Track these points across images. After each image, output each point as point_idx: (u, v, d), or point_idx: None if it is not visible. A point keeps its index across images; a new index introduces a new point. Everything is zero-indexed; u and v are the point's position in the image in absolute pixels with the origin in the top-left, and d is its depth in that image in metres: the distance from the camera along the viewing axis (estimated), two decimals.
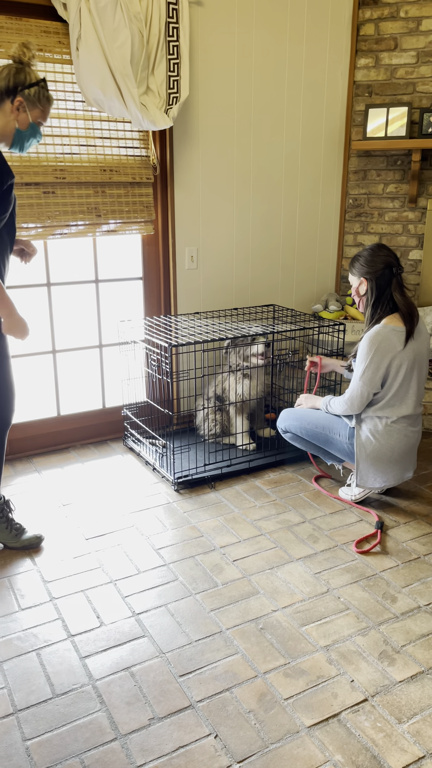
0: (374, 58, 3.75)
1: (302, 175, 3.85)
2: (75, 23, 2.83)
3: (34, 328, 3.35)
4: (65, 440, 3.53)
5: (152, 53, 3.02)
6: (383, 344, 2.61)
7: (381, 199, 3.93)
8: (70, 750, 1.67)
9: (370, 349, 2.62)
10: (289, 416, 3.01)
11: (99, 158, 3.16)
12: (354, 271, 2.72)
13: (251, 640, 2.05)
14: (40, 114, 2.29)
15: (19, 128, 2.26)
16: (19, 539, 2.54)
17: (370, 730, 1.72)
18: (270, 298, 3.95)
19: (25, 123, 2.26)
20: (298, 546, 2.58)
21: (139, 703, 1.81)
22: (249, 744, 1.68)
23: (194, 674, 1.91)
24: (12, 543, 2.54)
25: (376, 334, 2.62)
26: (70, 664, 1.96)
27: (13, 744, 1.68)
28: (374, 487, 2.81)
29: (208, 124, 3.44)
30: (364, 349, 2.64)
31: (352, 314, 3.84)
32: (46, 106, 2.30)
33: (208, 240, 3.61)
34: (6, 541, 2.54)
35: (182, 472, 3.11)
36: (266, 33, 3.48)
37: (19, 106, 2.22)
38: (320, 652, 2.00)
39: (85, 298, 3.47)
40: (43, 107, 2.29)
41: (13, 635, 2.08)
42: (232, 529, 2.71)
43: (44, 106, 2.29)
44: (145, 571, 2.42)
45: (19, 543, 2.54)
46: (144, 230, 3.41)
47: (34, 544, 2.56)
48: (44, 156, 3.01)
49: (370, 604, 2.22)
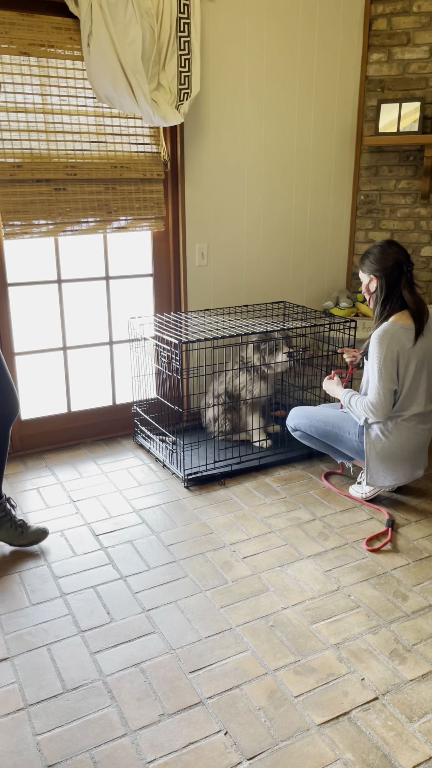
0: (387, 53, 3.72)
1: (313, 171, 3.83)
2: (86, 19, 2.83)
3: (46, 324, 3.36)
4: (76, 437, 3.53)
5: (163, 49, 3.01)
6: (392, 341, 2.59)
7: (393, 195, 3.90)
8: (80, 745, 1.67)
9: (380, 347, 2.60)
10: (299, 414, 3.00)
11: (110, 155, 3.16)
12: (364, 268, 2.71)
13: (261, 638, 2.04)
14: None
15: None
16: (25, 535, 2.52)
17: (381, 729, 1.71)
18: (280, 295, 3.94)
19: None
20: (308, 543, 2.57)
21: (149, 699, 1.81)
22: (259, 741, 1.68)
23: (204, 671, 1.91)
24: (19, 540, 2.51)
25: (385, 332, 2.60)
26: (80, 659, 1.96)
27: (23, 739, 1.69)
28: (384, 486, 2.79)
29: (219, 120, 3.42)
30: (374, 348, 2.62)
31: (363, 311, 3.82)
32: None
33: (218, 236, 3.60)
34: (12, 540, 2.51)
35: (192, 469, 3.11)
36: (278, 28, 3.46)
37: None
38: (330, 650, 1.99)
39: (96, 295, 3.48)
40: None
41: (24, 630, 2.09)
42: (242, 526, 2.70)
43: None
44: (155, 567, 2.42)
45: (26, 539, 2.52)
46: (154, 227, 3.40)
47: (41, 537, 2.54)
48: (55, 152, 3.01)
49: (381, 603, 2.21)
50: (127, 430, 3.66)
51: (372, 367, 2.63)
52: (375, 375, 2.61)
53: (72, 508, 2.85)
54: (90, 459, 3.35)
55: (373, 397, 2.64)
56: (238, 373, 3.38)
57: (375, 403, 2.63)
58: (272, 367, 3.28)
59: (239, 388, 3.37)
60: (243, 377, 3.35)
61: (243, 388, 3.35)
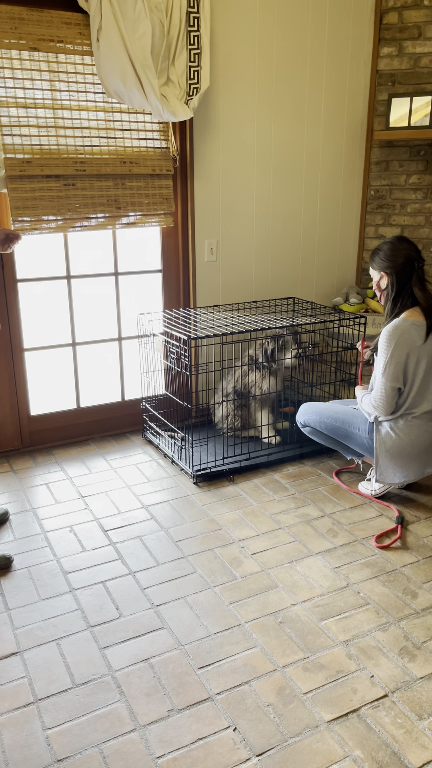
0: (398, 47, 3.69)
1: (323, 166, 3.81)
2: (96, 14, 2.82)
3: (55, 320, 3.37)
4: (85, 432, 3.54)
5: (173, 44, 3.00)
6: (402, 338, 2.58)
7: (403, 190, 3.87)
8: (89, 740, 1.68)
9: (389, 343, 2.58)
10: (309, 410, 2.99)
11: (119, 150, 3.16)
12: (374, 264, 2.69)
13: (270, 634, 2.04)
14: None
15: None
16: None
17: (390, 726, 1.70)
18: (290, 291, 3.92)
19: None
20: (317, 540, 2.56)
21: (158, 695, 1.81)
22: (268, 737, 1.67)
23: (213, 667, 1.91)
24: None
25: (395, 329, 2.59)
26: (89, 654, 1.97)
27: (33, 733, 1.70)
28: (394, 483, 2.78)
29: (228, 115, 3.41)
30: (384, 344, 2.60)
31: (373, 307, 3.80)
32: None
33: (227, 232, 3.59)
34: None
35: (201, 465, 3.10)
36: (288, 23, 3.44)
37: None
38: (340, 647, 1.99)
39: (105, 291, 3.48)
40: None
41: (34, 625, 2.10)
42: (251, 522, 2.70)
43: None
44: (164, 563, 2.42)
45: None
46: (164, 222, 3.40)
47: (1, 565, 2.39)
48: (64, 148, 3.01)
49: (391, 600, 2.20)
50: (136, 426, 3.66)
51: (379, 363, 2.63)
52: (380, 370, 2.62)
53: (81, 504, 2.86)
54: (99, 455, 3.35)
55: (376, 393, 2.65)
56: (247, 370, 3.37)
57: (377, 399, 2.64)
58: (280, 365, 3.27)
59: (249, 385, 3.36)
60: (252, 374, 3.34)
61: (253, 385, 3.34)
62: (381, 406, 2.64)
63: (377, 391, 2.64)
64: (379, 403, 2.64)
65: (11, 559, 2.42)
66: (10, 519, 2.73)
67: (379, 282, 2.69)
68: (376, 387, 2.64)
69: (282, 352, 3.24)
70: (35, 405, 3.40)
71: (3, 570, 2.39)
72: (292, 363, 3.23)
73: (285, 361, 3.24)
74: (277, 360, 3.26)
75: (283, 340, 3.23)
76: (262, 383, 3.30)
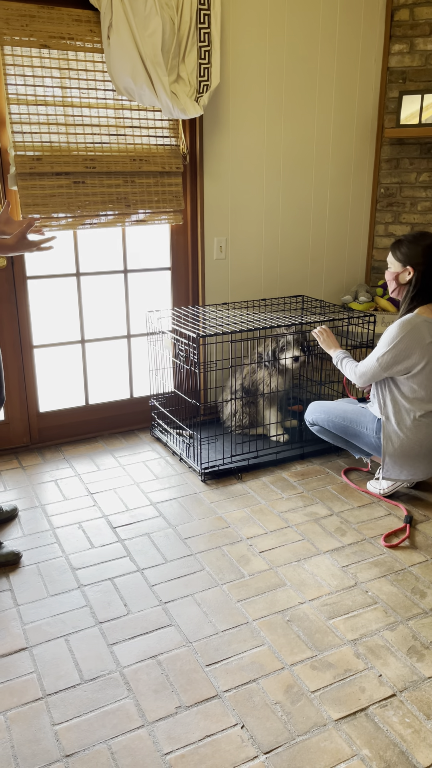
0: (409, 44, 3.67)
1: (333, 163, 3.80)
2: (106, 11, 2.82)
3: (64, 317, 3.37)
4: (93, 429, 3.55)
5: (183, 41, 3.00)
6: (412, 333, 2.57)
7: (414, 188, 3.86)
8: (97, 736, 1.68)
9: (398, 333, 2.57)
10: (317, 409, 2.98)
11: (129, 148, 3.16)
12: (399, 256, 2.63)
13: (278, 632, 2.04)
14: None
15: None
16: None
17: (399, 726, 1.70)
18: (299, 289, 3.92)
19: None
20: (325, 539, 2.56)
21: (166, 691, 1.82)
22: (276, 735, 1.68)
23: (221, 664, 1.91)
24: None
25: (408, 322, 2.58)
26: (97, 650, 1.98)
27: (42, 728, 1.71)
28: (401, 479, 2.77)
29: (238, 113, 3.40)
30: (393, 332, 2.59)
31: (382, 306, 3.78)
32: None
33: (237, 230, 3.59)
34: None
35: (209, 462, 3.11)
36: (298, 19, 3.42)
37: None
38: (348, 646, 1.98)
39: (114, 288, 3.48)
40: None
41: (42, 621, 2.11)
42: (259, 520, 2.70)
43: None
44: (172, 560, 2.42)
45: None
46: (173, 220, 3.40)
47: (10, 560, 2.40)
48: (74, 145, 3.01)
49: (399, 599, 2.20)
50: (144, 423, 3.67)
51: (380, 345, 2.62)
52: (378, 352, 2.62)
53: (89, 501, 2.87)
54: (107, 452, 3.36)
55: (364, 366, 2.69)
56: (255, 367, 3.37)
57: (364, 372, 2.69)
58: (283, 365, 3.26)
59: (257, 383, 3.36)
60: (261, 372, 3.34)
61: (261, 383, 3.34)
62: (363, 380, 2.72)
63: (366, 366, 2.68)
64: (363, 376, 2.70)
65: (20, 555, 2.43)
66: (19, 515, 2.74)
67: (400, 275, 2.65)
68: (367, 362, 2.67)
69: (283, 353, 3.24)
70: (44, 402, 3.41)
71: (12, 566, 2.40)
72: (292, 365, 3.23)
73: (286, 361, 3.24)
74: (278, 360, 3.25)
75: (284, 341, 3.22)
76: (270, 381, 3.30)
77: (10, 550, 2.43)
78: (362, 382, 2.73)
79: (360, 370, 2.72)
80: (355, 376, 2.74)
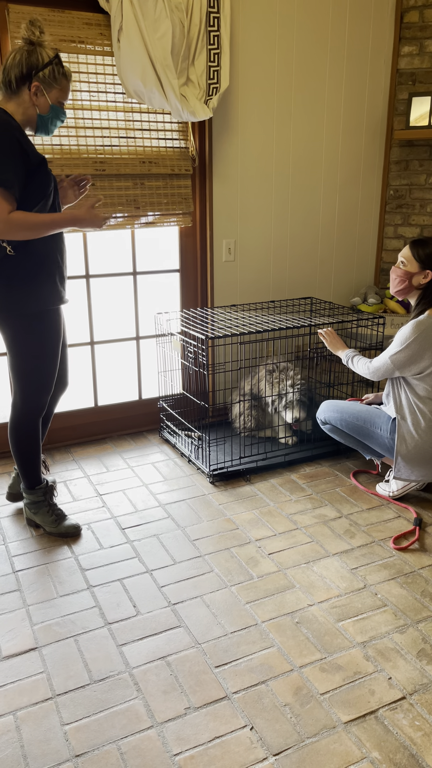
0: (418, 46, 3.66)
1: (342, 165, 3.80)
2: (116, 14, 2.83)
3: (74, 319, 3.39)
4: (102, 431, 3.56)
5: (193, 44, 3.01)
6: (425, 334, 2.58)
7: (423, 190, 3.85)
8: (107, 736, 1.68)
9: (412, 333, 2.59)
10: (330, 408, 2.98)
11: (138, 150, 3.17)
12: (422, 256, 2.62)
13: (287, 634, 2.04)
14: (59, 93, 2.16)
15: (40, 113, 2.16)
16: (57, 526, 2.57)
17: (408, 729, 1.69)
18: (308, 291, 3.91)
19: (45, 107, 2.15)
20: (334, 541, 2.55)
21: (175, 693, 1.82)
22: (285, 737, 1.67)
23: (230, 666, 1.91)
24: (51, 528, 2.58)
25: (420, 323, 2.60)
26: (107, 651, 1.98)
27: (51, 728, 1.71)
28: (411, 479, 2.76)
29: (247, 115, 3.41)
30: (407, 332, 2.62)
31: (391, 307, 3.77)
32: (64, 83, 2.16)
33: (245, 232, 3.59)
34: (45, 525, 2.58)
35: (218, 464, 3.11)
36: (308, 22, 3.43)
37: (36, 91, 2.11)
38: (357, 648, 1.98)
39: (123, 290, 3.49)
40: (61, 85, 2.16)
41: (52, 621, 2.11)
42: (268, 522, 2.70)
43: (62, 84, 2.15)
44: (181, 561, 2.42)
45: (56, 529, 2.57)
46: (182, 222, 3.41)
47: (71, 532, 2.58)
48: (84, 148, 3.03)
49: (409, 602, 2.19)
50: (153, 425, 3.67)
51: (394, 344, 2.65)
52: (392, 350, 2.64)
53: (99, 502, 2.87)
54: (116, 453, 3.37)
55: (378, 362, 2.71)
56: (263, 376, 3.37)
57: (378, 367, 2.72)
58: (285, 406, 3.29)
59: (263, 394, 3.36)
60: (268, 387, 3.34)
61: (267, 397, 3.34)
62: (376, 376, 2.75)
63: (380, 363, 2.70)
64: (377, 372, 2.73)
65: (80, 528, 2.61)
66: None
67: (415, 276, 2.65)
68: (382, 360, 2.70)
69: (285, 411, 3.27)
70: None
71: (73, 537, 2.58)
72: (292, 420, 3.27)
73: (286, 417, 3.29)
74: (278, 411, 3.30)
75: (287, 401, 3.24)
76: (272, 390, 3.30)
77: (72, 523, 2.60)
78: (376, 377, 2.76)
79: (374, 365, 2.74)
80: (369, 371, 2.77)
